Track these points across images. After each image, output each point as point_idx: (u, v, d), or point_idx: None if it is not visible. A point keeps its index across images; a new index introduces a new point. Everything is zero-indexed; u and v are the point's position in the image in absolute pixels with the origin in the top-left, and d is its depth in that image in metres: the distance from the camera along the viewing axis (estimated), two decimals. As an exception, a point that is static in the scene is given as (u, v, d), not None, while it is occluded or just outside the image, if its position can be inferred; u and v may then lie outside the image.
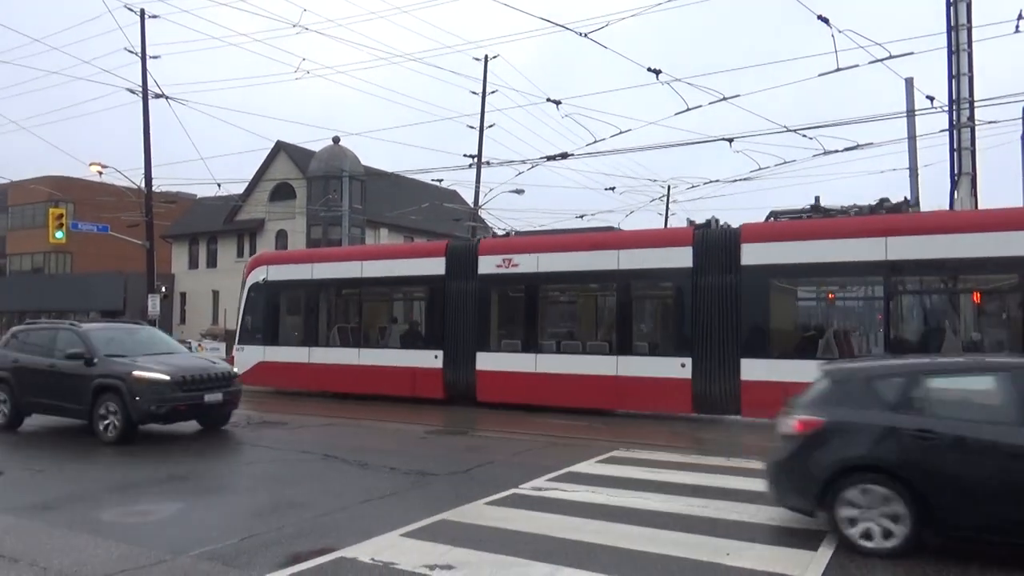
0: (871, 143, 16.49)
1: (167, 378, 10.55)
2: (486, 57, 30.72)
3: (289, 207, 38.90)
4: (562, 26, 15.74)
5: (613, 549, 5.58)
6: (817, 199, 13.75)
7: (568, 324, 15.82)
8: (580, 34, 15.41)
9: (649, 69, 15.54)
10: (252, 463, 9.27)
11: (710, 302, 13.16)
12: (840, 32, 13.76)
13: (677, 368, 13.19)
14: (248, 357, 18.39)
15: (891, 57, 14.26)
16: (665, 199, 36.09)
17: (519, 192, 28.94)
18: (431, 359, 15.82)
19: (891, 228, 11.88)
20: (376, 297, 17.64)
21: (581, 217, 25.24)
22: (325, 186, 34.15)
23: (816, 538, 5.86)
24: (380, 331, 17.43)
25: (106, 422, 10.65)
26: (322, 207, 33.22)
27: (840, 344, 12.30)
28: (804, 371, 10.75)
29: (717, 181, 34.94)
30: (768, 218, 13.96)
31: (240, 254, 39.19)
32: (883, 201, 13.12)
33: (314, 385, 17.65)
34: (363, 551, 5.48)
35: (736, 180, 22.84)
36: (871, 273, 12.02)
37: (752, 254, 12.83)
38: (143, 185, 27.89)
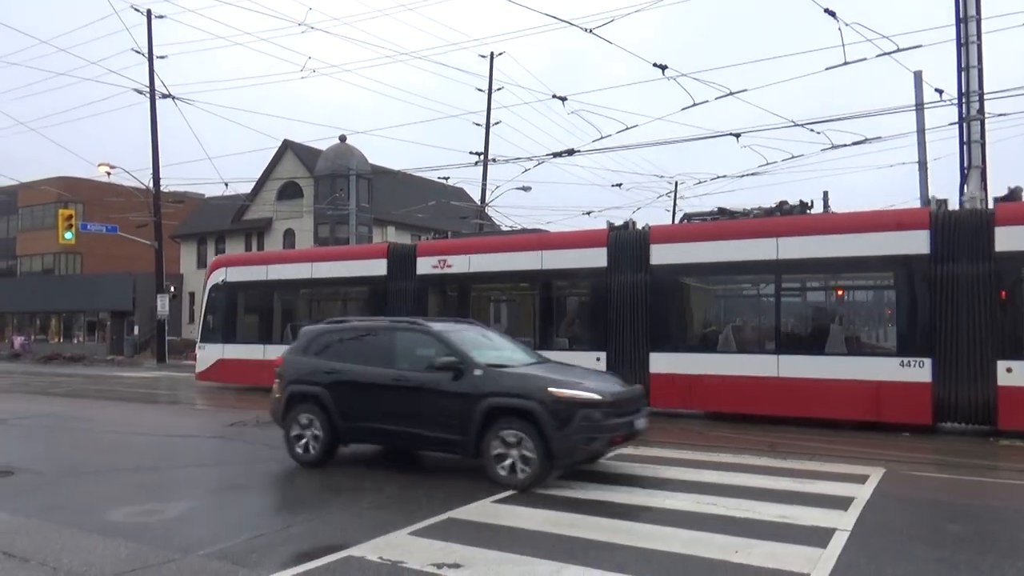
0: (879, 137, 16.43)
1: (599, 397, 7.59)
2: (492, 54, 30.75)
3: (296, 206, 39.02)
4: (567, 22, 15.71)
5: (620, 547, 5.57)
6: (722, 209, 14.53)
7: (497, 320, 16.69)
8: (585, 30, 15.40)
9: (655, 64, 15.50)
10: (261, 462, 9.29)
11: (623, 300, 13.98)
12: (847, 25, 13.68)
13: (593, 362, 13.72)
14: (209, 355, 19.52)
15: (899, 50, 14.18)
16: (673, 195, 36.01)
17: (526, 189, 28.97)
18: None
19: (781, 229, 12.79)
20: (326, 296, 18.67)
21: (588, 214, 25.26)
22: (332, 185, 34.24)
23: (826, 535, 5.84)
24: None
25: (508, 461, 7.53)
26: (329, 206, 33.31)
27: (738, 338, 13.27)
28: (705, 364, 13.11)
29: (725, 176, 34.78)
30: (682, 220, 15.12)
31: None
32: (782, 204, 13.82)
33: (268, 381, 18.10)
34: (372, 549, 5.49)
35: (744, 175, 22.72)
36: (764, 271, 12.92)
37: (659, 254, 13.69)
38: (151, 185, 28.05)
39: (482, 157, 29.34)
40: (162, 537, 5.90)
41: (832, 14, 13.75)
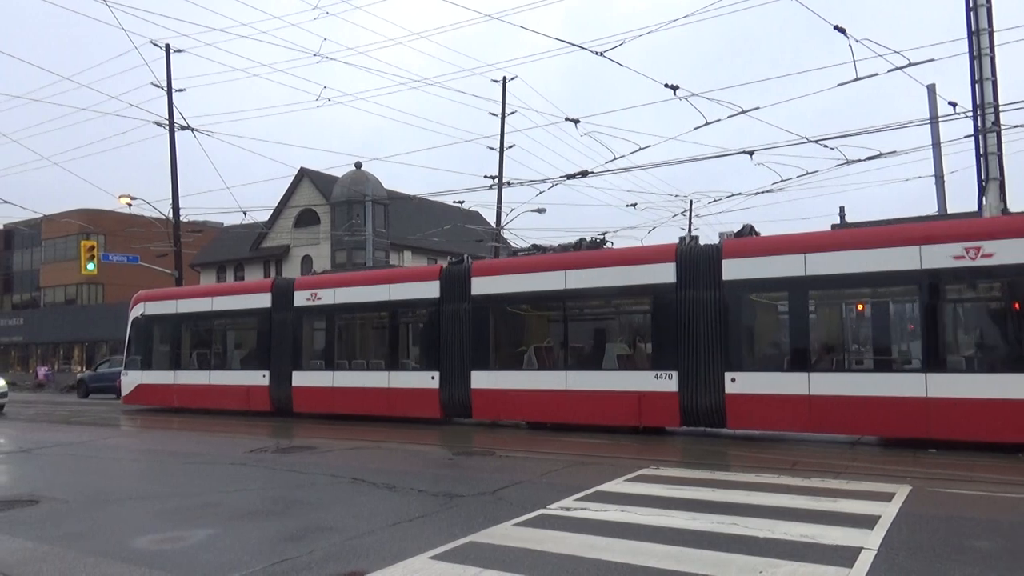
0: (894, 151, 16.31)
1: None
2: (504, 79, 31.02)
3: (314, 233, 39.37)
4: (578, 46, 15.86)
5: (642, 568, 5.52)
6: (535, 246, 16.81)
7: (358, 346, 18.57)
8: (596, 53, 15.52)
9: (666, 85, 15.59)
10: (281, 487, 9.32)
11: (451, 326, 16.14)
12: (857, 42, 13.71)
13: (429, 380, 16.38)
14: (131, 380, 22.23)
15: (911, 64, 14.16)
16: (688, 213, 35.97)
17: (540, 211, 29.07)
18: (260, 378, 19.19)
19: (567, 264, 14.98)
20: (223, 327, 20.84)
21: (603, 235, 25.18)
22: (348, 211, 34.54)
23: (852, 554, 5.76)
24: (224, 356, 20.69)
25: None
26: (346, 232, 33.57)
27: (540, 357, 15.26)
28: (513, 380, 15.35)
29: (739, 194, 34.59)
30: (511, 254, 17.92)
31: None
32: (580, 241, 16.13)
33: (177, 403, 21.05)
34: (393, 574, 5.48)
35: (758, 192, 22.79)
36: (555, 299, 15.09)
37: (479, 286, 15.93)
38: (171, 215, 28.42)
39: (496, 180, 29.51)
40: (185, 564, 5.93)
41: (842, 31, 13.79)
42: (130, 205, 28.97)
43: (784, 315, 13.20)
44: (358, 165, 36.09)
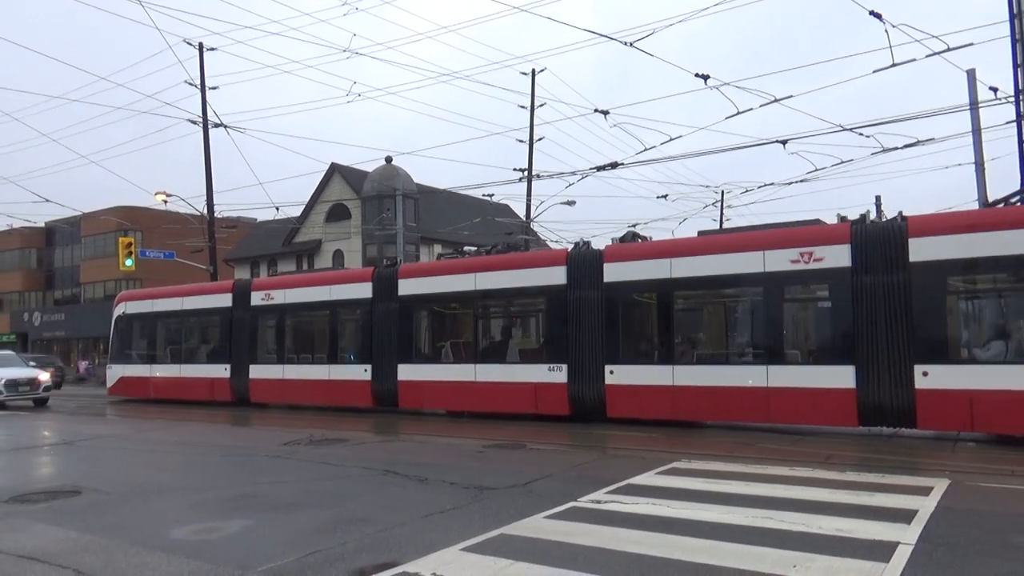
0: (932, 139, 15.96)
1: None
2: (533, 71, 30.94)
3: (345, 227, 39.70)
4: (607, 36, 15.76)
5: (675, 562, 5.49)
6: (458, 249, 18.74)
7: (303, 342, 20.11)
8: (626, 43, 15.42)
9: (697, 75, 15.43)
10: (315, 479, 9.45)
11: (382, 324, 17.61)
12: (894, 27, 13.41)
13: (362, 373, 17.84)
14: (114, 373, 24.43)
15: (949, 49, 13.82)
16: (720, 204, 35.59)
17: (570, 204, 28.96)
18: (223, 371, 20.97)
19: (477, 267, 16.43)
20: (192, 325, 22.78)
21: (634, 226, 25.03)
22: (379, 205, 34.78)
23: (888, 549, 5.67)
24: (193, 351, 22.42)
25: None
26: (377, 226, 33.80)
27: (456, 351, 16.78)
28: (432, 373, 16.83)
29: (772, 184, 34.15)
30: (438, 257, 19.57)
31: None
32: (494, 246, 17.87)
33: (153, 394, 22.89)
34: (424, 566, 5.52)
35: (792, 182, 22.44)
36: (468, 299, 16.50)
37: (404, 288, 17.45)
38: (205, 211, 28.86)
39: (526, 173, 29.46)
40: (222, 555, 6.04)
41: (878, 16, 13.50)
42: (166, 202, 29.48)
43: (655, 314, 14.55)
44: (388, 160, 36.29)
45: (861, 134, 16.11)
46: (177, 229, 34.27)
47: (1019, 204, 12.08)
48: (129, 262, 27.46)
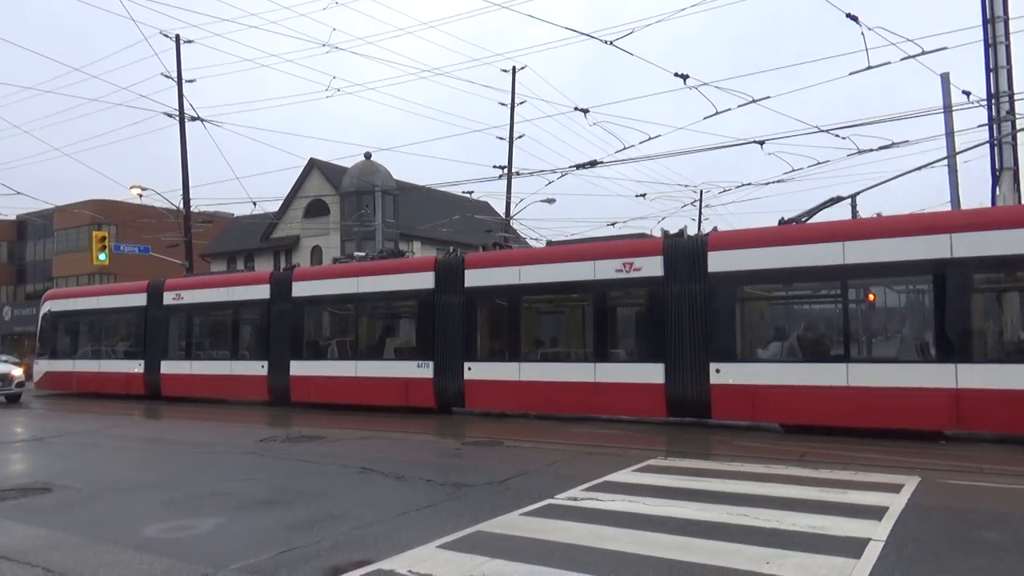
0: (907, 141, 16.17)
1: None
2: (514, 68, 30.91)
3: (323, 223, 39.43)
4: (587, 35, 15.78)
5: (650, 559, 5.53)
6: (349, 255, 20.43)
7: (209, 339, 21.39)
8: (606, 42, 15.46)
9: (676, 74, 15.50)
10: (291, 477, 9.38)
11: (278, 322, 19.07)
12: (870, 30, 13.58)
13: (260, 369, 19.28)
14: (40, 368, 25.47)
15: (924, 53, 14.01)
16: (698, 204, 35.79)
17: (550, 202, 28.97)
18: (138, 367, 22.15)
19: (360, 272, 18.03)
20: (109, 322, 23.89)
21: (612, 225, 25.20)
22: (358, 201, 34.57)
23: (860, 545, 5.75)
24: (111, 348, 23.55)
25: None
26: (355, 222, 33.61)
27: (341, 349, 18.16)
28: (319, 368, 18.24)
29: (749, 184, 34.43)
30: (335, 261, 20.87)
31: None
32: (381, 252, 20.07)
33: (75, 388, 24.06)
34: (400, 563, 5.51)
35: (769, 183, 22.54)
36: (351, 301, 18.03)
37: (297, 289, 18.80)
38: (182, 206, 28.53)
39: (506, 170, 29.44)
40: (194, 552, 5.98)
41: (854, 19, 13.66)
42: (141, 196, 29.12)
43: (506, 316, 15.88)
44: (367, 155, 36.09)
45: (837, 135, 16.29)
46: (153, 223, 33.85)
47: (803, 223, 13.65)
48: (103, 256, 27.10)
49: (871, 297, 12.98)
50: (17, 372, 22.78)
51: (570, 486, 8.15)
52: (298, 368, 18.57)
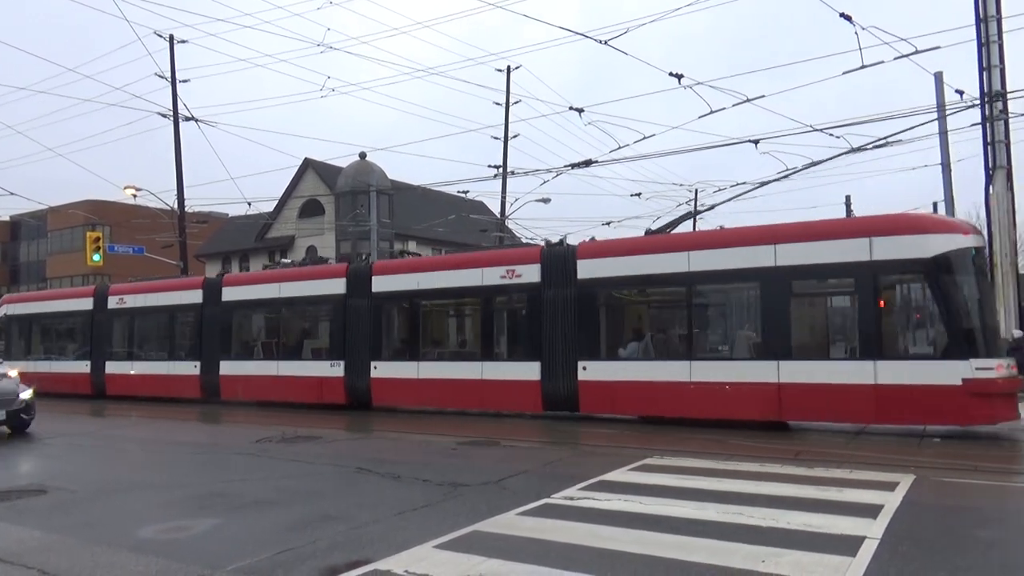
0: (900, 140, 16.20)
1: None
2: (508, 68, 30.93)
3: (318, 223, 39.37)
4: (581, 34, 15.80)
5: (646, 558, 5.54)
6: (276, 260, 21.81)
7: (149, 341, 22.59)
8: (600, 41, 15.46)
9: (671, 74, 15.52)
10: (287, 477, 9.37)
11: (209, 326, 20.35)
12: (864, 29, 13.61)
13: (192, 368, 20.62)
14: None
15: (917, 52, 14.05)
16: (693, 203, 35.84)
17: (545, 201, 29.02)
18: (84, 367, 23.19)
19: (280, 278, 19.46)
20: (60, 325, 25.26)
21: (608, 224, 25.22)
22: (353, 201, 34.47)
23: (855, 543, 5.77)
24: (62, 349, 24.91)
25: None
26: (350, 222, 33.55)
27: (266, 349, 19.47)
28: (247, 368, 19.54)
29: (744, 183, 34.52)
30: (264, 267, 23.28)
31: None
32: (303, 260, 20.67)
33: (41, 387, 24.49)
34: (397, 563, 5.51)
35: (764, 182, 22.58)
36: (272, 305, 19.47)
37: (227, 294, 20.11)
38: (176, 206, 28.46)
39: (501, 170, 29.44)
40: (191, 553, 5.98)
41: (848, 18, 13.69)
42: (135, 196, 29.03)
43: (407, 319, 17.26)
44: (362, 155, 36.02)
45: (831, 134, 16.32)
46: (147, 224, 33.75)
47: (665, 233, 15.06)
48: (97, 257, 27.05)
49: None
50: (12, 374, 22.69)
51: (566, 485, 8.16)
52: (227, 368, 19.90)
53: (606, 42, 15.53)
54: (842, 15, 13.71)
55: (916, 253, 11.85)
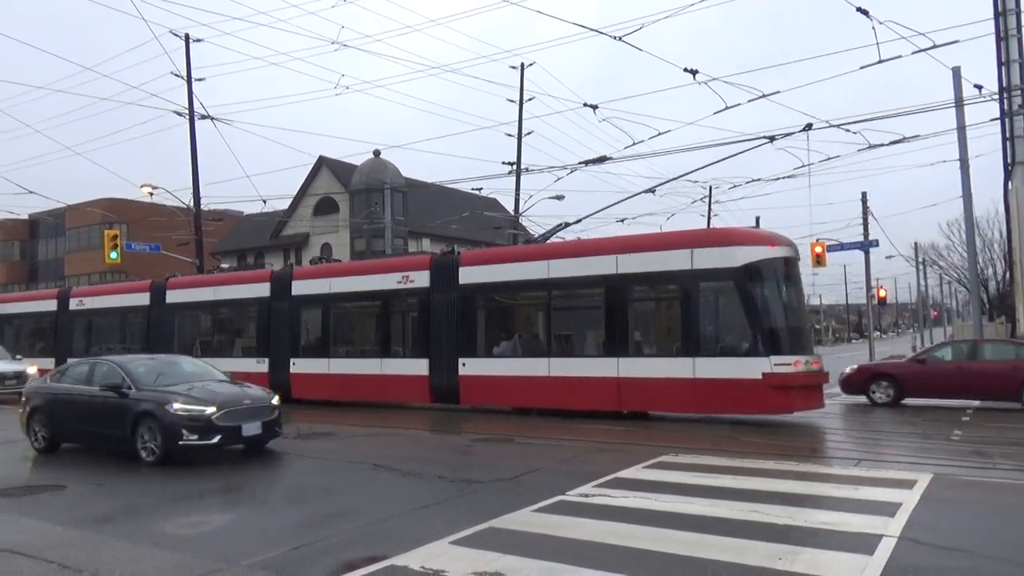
0: (918, 135, 16.04)
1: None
2: (522, 65, 30.86)
3: (333, 221, 39.52)
4: (596, 31, 15.73)
5: (662, 555, 5.53)
6: (222, 267, 24.46)
7: (104, 338, 24.19)
8: (615, 37, 15.36)
9: (685, 69, 15.41)
10: (303, 474, 9.42)
11: (156, 325, 22.39)
12: (881, 24, 13.45)
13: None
14: None
15: (935, 47, 13.89)
16: (708, 200, 35.70)
17: (559, 198, 28.92)
18: (51, 364, 23.68)
19: (219, 281, 21.53)
20: (29, 324, 27.49)
21: (622, 221, 25.10)
22: (367, 199, 34.61)
23: (872, 542, 5.72)
24: (31, 346, 26.72)
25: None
26: (365, 219, 33.66)
27: (203, 348, 21.00)
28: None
29: (759, 180, 34.28)
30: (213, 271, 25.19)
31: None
32: (238, 266, 23.18)
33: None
34: (413, 559, 5.53)
35: (779, 178, 22.43)
36: (206, 307, 21.52)
37: (171, 297, 22.16)
38: (192, 204, 28.64)
39: (515, 167, 29.41)
40: (208, 548, 6.02)
41: (865, 12, 13.53)
42: (152, 194, 29.22)
43: (320, 319, 18.92)
44: (376, 153, 36.13)
45: (848, 130, 16.15)
46: (163, 222, 33.97)
47: (540, 243, 17.16)
48: (114, 255, 27.18)
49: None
50: (32, 370, 22.87)
51: (582, 482, 8.15)
52: None
53: (621, 38, 15.46)
54: (859, 9, 13.56)
55: (726, 263, 13.35)
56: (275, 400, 11.14)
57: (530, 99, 31.24)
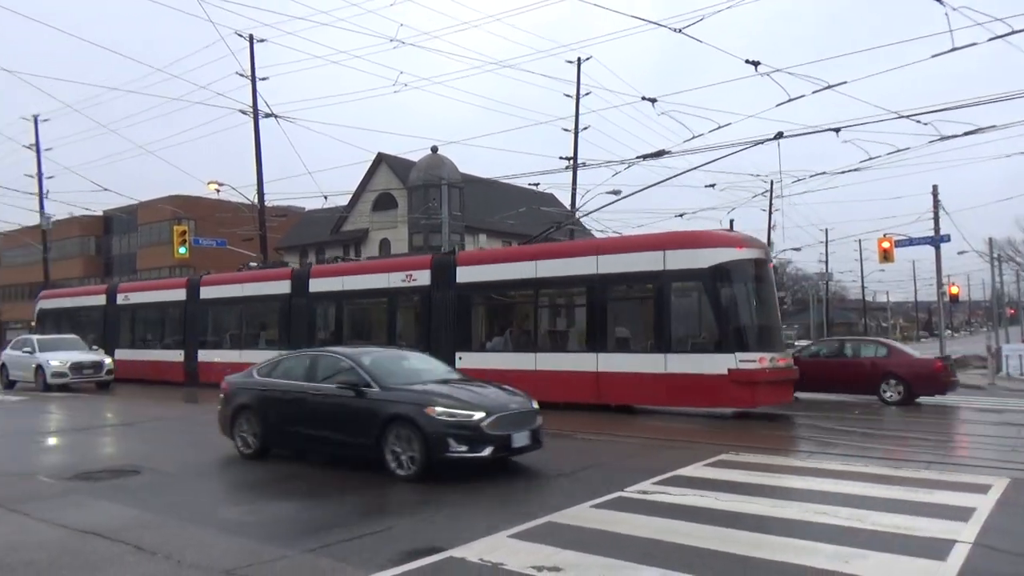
0: (994, 126, 15.33)
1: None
2: (579, 60, 30.67)
3: (391, 216, 40.02)
4: (655, 23, 15.52)
5: (724, 554, 5.44)
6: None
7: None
8: (675, 30, 15.14)
9: (747, 61, 15.08)
10: (362, 467, 9.57)
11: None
12: (955, 10, 12.90)
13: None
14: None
15: (1013, 32, 13.24)
16: (769, 194, 34.92)
17: (615, 193, 28.65)
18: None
19: (250, 278, 22.98)
20: (70, 318, 29.48)
21: (680, 216, 24.73)
22: (425, 194, 34.94)
23: (945, 547, 5.52)
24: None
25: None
26: (422, 215, 33.99)
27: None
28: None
29: (824, 173, 33.35)
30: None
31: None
32: (241, 267, 25.06)
33: None
34: (471, 551, 5.57)
35: (845, 171, 21.73)
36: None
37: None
38: (256, 200, 29.39)
39: (571, 162, 29.28)
40: (272, 534, 6.19)
41: (939, -1, 12.99)
42: (218, 191, 30.08)
43: (334, 314, 20.45)
44: (434, 149, 36.43)
45: (919, 121, 15.54)
46: (229, 218, 34.92)
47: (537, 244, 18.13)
48: (183, 250, 28.09)
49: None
50: (107, 360, 23.74)
51: (641, 479, 8.07)
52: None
53: (681, 30, 15.22)
54: (932, -5, 13.02)
55: (695, 264, 14.06)
56: (535, 404, 9.25)
57: (587, 94, 31.04)
